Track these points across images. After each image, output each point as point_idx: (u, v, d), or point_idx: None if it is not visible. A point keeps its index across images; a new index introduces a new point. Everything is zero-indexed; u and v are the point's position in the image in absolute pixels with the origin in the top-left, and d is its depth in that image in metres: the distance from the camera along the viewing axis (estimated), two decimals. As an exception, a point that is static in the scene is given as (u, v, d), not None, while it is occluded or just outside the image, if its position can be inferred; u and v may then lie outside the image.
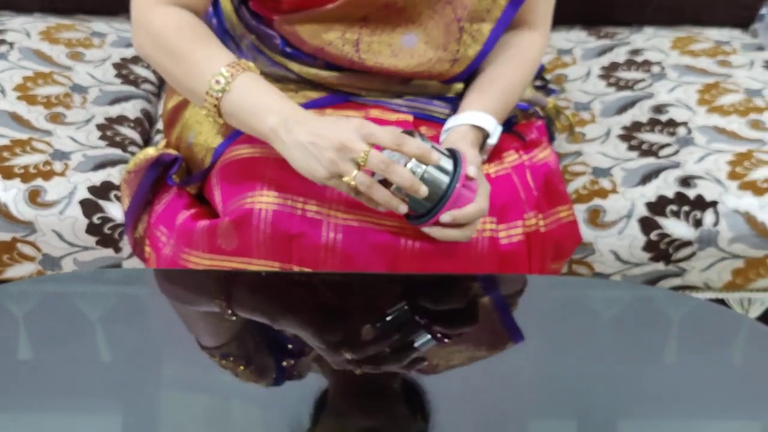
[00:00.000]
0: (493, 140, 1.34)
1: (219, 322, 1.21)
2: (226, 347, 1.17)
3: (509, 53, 1.41)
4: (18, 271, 1.48)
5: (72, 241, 1.45)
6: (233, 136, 1.37)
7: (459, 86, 1.44)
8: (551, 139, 1.52)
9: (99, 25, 1.85)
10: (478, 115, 1.33)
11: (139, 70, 1.75)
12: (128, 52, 1.79)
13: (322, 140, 1.18)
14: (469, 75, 1.41)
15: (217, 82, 1.24)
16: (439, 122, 1.40)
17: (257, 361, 1.15)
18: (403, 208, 1.20)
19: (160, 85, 1.77)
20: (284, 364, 1.14)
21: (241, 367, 1.14)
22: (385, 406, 1.09)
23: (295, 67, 1.40)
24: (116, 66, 1.75)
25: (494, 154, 1.36)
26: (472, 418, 1.07)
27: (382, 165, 1.17)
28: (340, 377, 1.11)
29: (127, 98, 1.67)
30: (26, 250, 1.46)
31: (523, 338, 1.20)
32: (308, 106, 1.40)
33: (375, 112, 1.39)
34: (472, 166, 1.21)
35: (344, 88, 1.41)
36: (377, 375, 1.12)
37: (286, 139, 1.20)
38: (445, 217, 1.20)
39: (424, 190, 1.18)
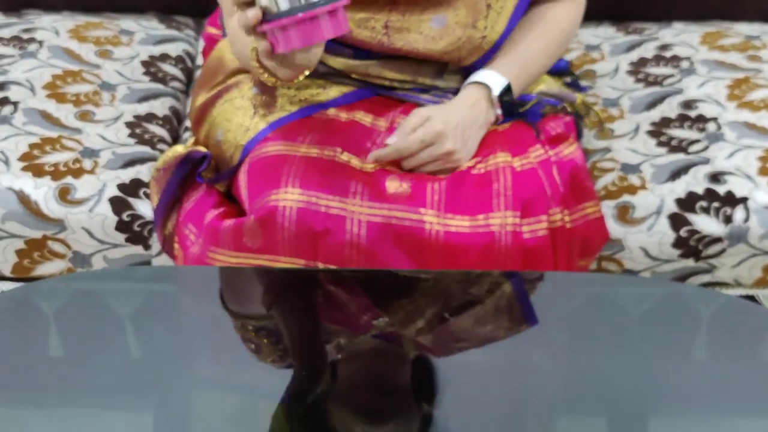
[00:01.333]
0: (495, 91, 1.36)
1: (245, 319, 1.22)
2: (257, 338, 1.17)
3: (532, 22, 1.42)
4: (48, 268, 1.49)
5: (102, 239, 1.46)
6: (262, 133, 1.37)
7: None
8: (579, 135, 1.51)
9: (127, 22, 1.86)
10: (482, 72, 1.36)
11: (168, 68, 1.76)
12: (156, 50, 1.80)
13: None
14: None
15: (250, 46, 1.26)
16: None
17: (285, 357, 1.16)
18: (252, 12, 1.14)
19: (188, 82, 1.78)
20: (311, 360, 1.14)
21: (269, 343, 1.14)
22: (405, 402, 1.09)
23: (323, 57, 1.41)
24: (144, 64, 1.76)
25: (520, 149, 1.36)
26: (499, 416, 1.07)
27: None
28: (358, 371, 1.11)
29: (155, 96, 1.68)
30: (57, 247, 1.47)
31: (537, 322, 1.20)
32: (338, 102, 1.41)
33: (399, 118, 1.39)
34: None
35: (373, 79, 1.42)
36: (396, 372, 1.12)
37: None
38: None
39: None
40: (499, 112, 1.37)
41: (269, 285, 1.28)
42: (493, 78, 1.36)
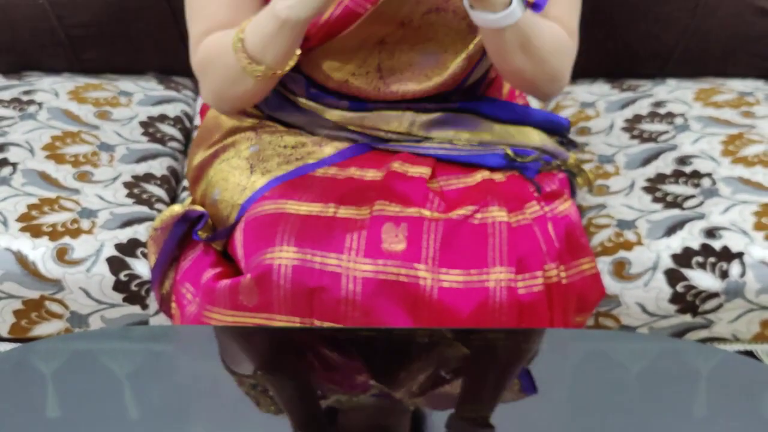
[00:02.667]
0: None
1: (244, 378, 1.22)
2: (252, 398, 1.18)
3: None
4: (46, 328, 1.50)
5: (99, 299, 1.47)
6: (259, 192, 1.39)
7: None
8: (573, 192, 1.53)
9: (126, 84, 1.89)
10: None
11: (166, 128, 1.78)
12: (155, 111, 1.82)
13: None
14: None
15: (234, 42, 1.30)
16: (462, 165, 1.43)
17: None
18: None
19: (187, 142, 1.80)
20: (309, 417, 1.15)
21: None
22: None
23: (319, 110, 1.44)
24: (143, 124, 1.78)
25: (516, 204, 1.37)
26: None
27: None
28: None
29: (153, 156, 1.70)
30: (54, 307, 1.48)
31: (536, 391, 1.19)
32: (334, 159, 1.43)
33: (396, 165, 1.41)
34: None
35: (368, 131, 1.44)
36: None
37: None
38: None
39: None
40: None
41: (265, 344, 1.29)
42: None
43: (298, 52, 1.32)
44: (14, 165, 1.61)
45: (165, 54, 1.92)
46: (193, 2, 1.41)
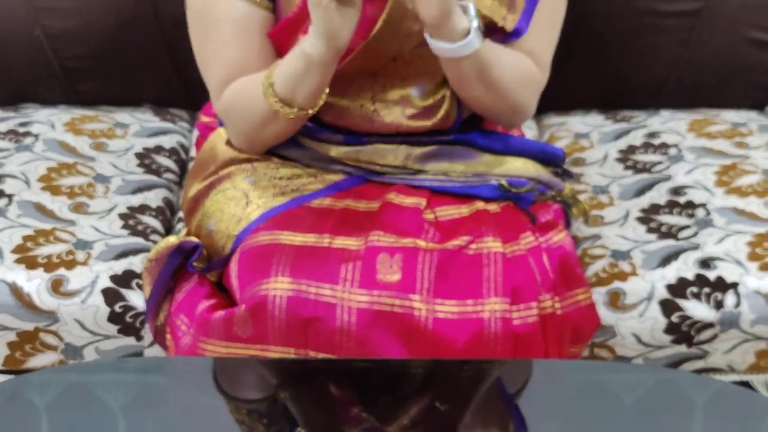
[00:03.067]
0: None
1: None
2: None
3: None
4: (40, 360, 1.50)
5: (94, 330, 1.47)
6: (254, 223, 1.40)
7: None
8: (568, 223, 1.53)
9: (122, 115, 1.90)
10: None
11: (161, 160, 1.79)
12: (150, 142, 1.83)
13: None
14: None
15: (263, 88, 1.36)
16: (457, 196, 1.44)
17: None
18: None
19: (182, 174, 1.81)
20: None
21: None
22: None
23: (316, 145, 1.44)
24: (139, 156, 1.78)
25: (510, 235, 1.38)
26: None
27: None
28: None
29: (149, 187, 1.71)
30: (49, 339, 1.48)
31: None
32: (329, 190, 1.44)
33: (391, 195, 1.42)
34: None
35: (364, 164, 1.45)
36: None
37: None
38: None
39: None
40: (474, 23, 1.33)
41: (260, 375, 1.29)
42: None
43: (327, 90, 1.36)
44: (10, 196, 1.62)
45: (161, 86, 1.93)
46: (204, 50, 1.45)
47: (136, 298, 1.48)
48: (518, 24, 1.41)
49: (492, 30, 1.40)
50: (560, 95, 1.50)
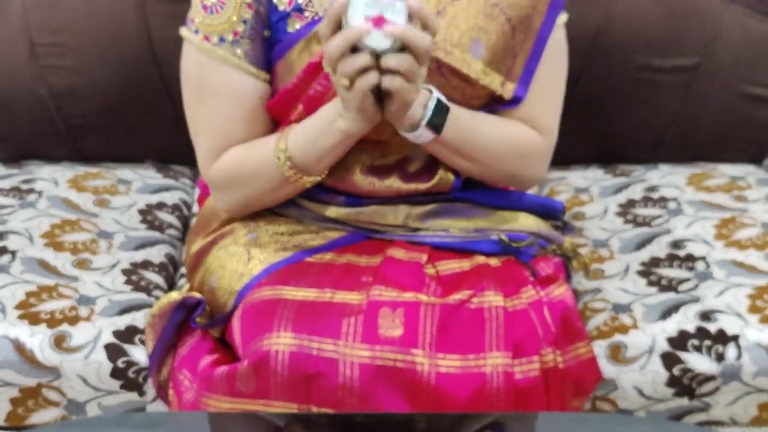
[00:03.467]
0: (435, 94, 1.33)
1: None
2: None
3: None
4: (43, 416, 1.50)
5: (97, 386, 1.48)
6: (256, 278, 1.41)
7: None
8: (569, 276, 1.54)
9: (125, 172, 1.92)
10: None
11: (164, 216, 1.80)
12: (153, 199, 1.84)
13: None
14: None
15: (278, 158, 1.38)
16: (458, 251, 1.45)
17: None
18: (362, 29, 1.20)
19: (185, 230, 1.82)
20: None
21: None
22: None
23: (315, 207, 1.46)
24: (141, 212, 1.80)
25: (511, 289, 1.39)
26: None
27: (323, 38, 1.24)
28: None
29: (152, 243, 1.72)
30: (51, 395, 1.48)
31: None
32: (330, 246, 1.45)
33: (392, 251, 1.43)
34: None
35: (364, 224, 1.46)
36: None
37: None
38: (413, 2, 1.21)
39: (361, 29, 1.20)
40: (424, 121, 1.34)
41: (263, 430, 1.29)
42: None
43: None
44: (13, 253, 1.63)
45: (163, 143, 1.95)
46: (198, 118, 1.45)
47: (139, 354, 1.48)
48: (516, 92, 1.42)
49: (492, 98, 1.42)
50: (559, 150, 1.52)
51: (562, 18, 1.45)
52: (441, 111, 1.34)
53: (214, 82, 1.41)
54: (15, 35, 1.84)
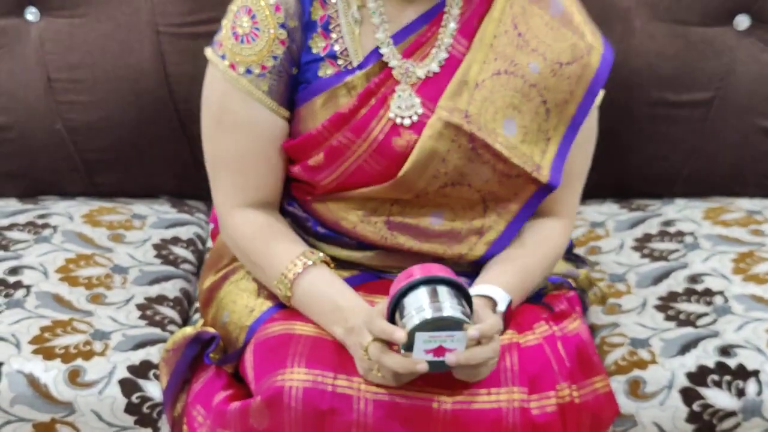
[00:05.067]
0: (501, 307, 1.35)
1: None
2: None
3: (534, 237, 1.45)
4: (56, 453, 1.49)
5: (111, 421, 1.47)
6: (267, 313, 1.40)
7: None
8: (585, 309, 1.53)
9: (139, 207, 1.92)
10: (487, 287, 1.37)
11: (179, 251, 1.80)
12: (168, 233, 1.84)
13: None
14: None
15: (279, 289, 1.38)
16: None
17: None
18: (422, 366, 1.22)
19: (199, 265, 1.82)
20: None
21: None
22: None
23: (327, 248, 1.45)
24: (156, 247, 1.80)
25: (524, 325, 1.38)
26: None
27: (376, 353, 1.24)
28: None
29: (166, 278, 1.71)
30: (65, 431, 1.47)
31: None
32: (342, 284, 1.44)
33: None
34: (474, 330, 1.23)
35: (376, 267, 1.45)
36: None
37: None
38: (473, 332, 1.22)
39: (421, 367, 1.21)
40: (500, 327, 1.34)
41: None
42: (496, 293, 1.36)
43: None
44: (28, 287, 1.63)
45: (178, 178, 1.95)
46: (217, 153, 1.43)
47: (154, 389, 1.47)
48: (552, 179, 1.41)
49: (527, 181, 1.41)
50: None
51: (599, 97, 1.44)
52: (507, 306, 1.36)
53: (235, 114, 1.39)
54: (32, 71, 1.85)
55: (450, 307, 1.22)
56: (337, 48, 1.39)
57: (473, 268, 1.45)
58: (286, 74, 1.39)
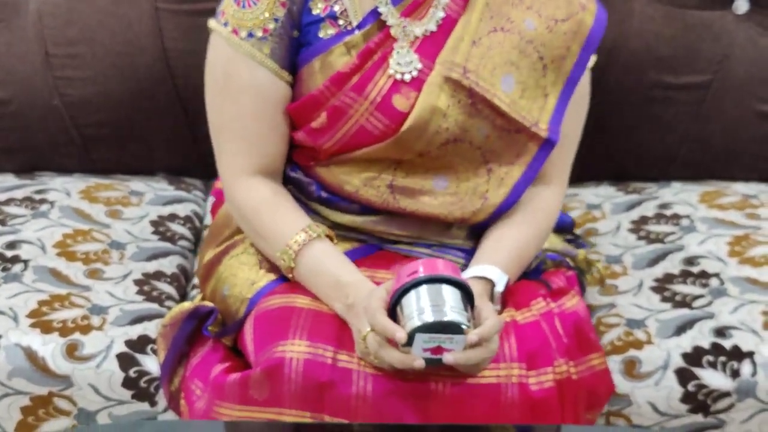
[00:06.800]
0: (499, 287, 1.36)
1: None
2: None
3: (526, 208, 1.46)
4: (53, 426, 1.49)
5: (108, 395, 1.47)
6: (268, 286, 1.40)
7: None
8: (582, 289, 1.53)
9: (137, 184, 1.92)
10: (484, 267, 1.38)
11: (176, 227, 1.80)
12: (165, 210, 1.84)
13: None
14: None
15: (282, 260, 1.38)
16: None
17: None
18: (419, 363, 1.23)
19: (196, 242, 1.82)
20: None
21: None
22: None
23: (330, 214, 1.45)
24: (153, 223, 1.80)
25: (522, 302, 1.39)
26: None
27: (375, 345, 1.25)
28: None
29: (164, 254, 1.71)
30: (62, 404, 1.47)
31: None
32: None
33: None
34: (473, 335, 1.24)
35: (379, 233, 1.45)
36: None
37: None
38: (472, 337, 1.22)
39: (419, 363, 1.22)
40: (498, 307, 1.37)
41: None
42: (494, 273, 1.37)
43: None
44: (26, 262, 1.63)
45: (176, 155, 1.95)
46: (222, 120, 1.44)
47: (151, 364, 1.48)
48: (550, 134, 1.42)
49: (526, 136, 1.42)
50: (572, 169, 1.54)
51: (591, 61, 1.45)
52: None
53: (239, 78, 1.40)
54: (30, 46, 1.84)
55: (451, 309, 1.23)
56: (336, 8, 1.40)
57: (469, 236, 1.46)
58: (288, 37, 1.40)
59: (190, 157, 1.95)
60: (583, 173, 1.96)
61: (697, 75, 1.88)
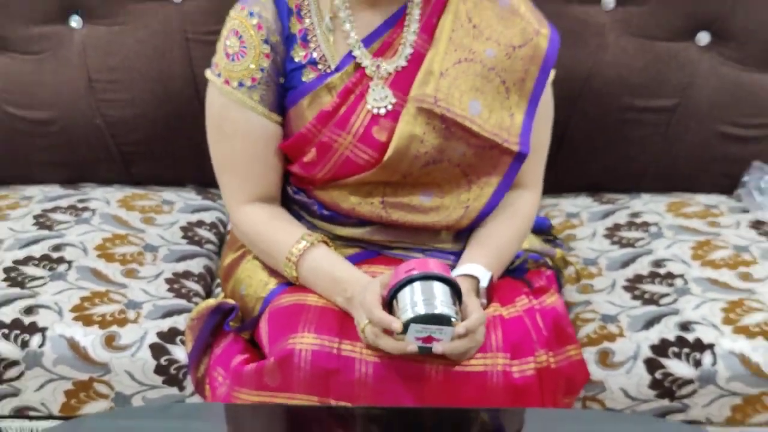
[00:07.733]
0: (483, 283, 1.36)
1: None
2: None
3: (506, 212, 1.46)
4: (93, 408, 1.49)
5: (142, 381, 1.47)
6: (280, 287, 1.41)
7: None
8: (560, 287, 1.53)
9: (169, 194, 1.92)
10: (470, 266, 1.38)
11: (203, 233, 1.80)
12: (193, 217, 1.84)
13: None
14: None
15: (286, 271, 1.39)
16: None
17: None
18: (412, 348, 1.24)
19: (221, 245, 1.82)
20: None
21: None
22: None
23: (332, 228, 1.46)
24: (183, 229, 1.80)
25: (507, 299, 1.39)
26: None
27: (372, 336, 1.27)
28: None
29: (192, 256, 1.71)
30: (101, 388, 1.48)
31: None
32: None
33: None
34: (461, 327, 1.24)
35: (376, 242, 1.46)
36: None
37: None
38: (459, 329, 1.23)
39: (411, 348, 1.23)
40: (484, 301, 1.37)
41: (286, 420, 1.28)
42: (479, 271, 1.37)
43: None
44: (69, 263, 1.63)
45: (203, 169, 1.92)
46: (221, 157, 1.45)
47: (180, 353, 1.48)
48: (522, 148, 1.41)
49: (500, 152, 1.41)
50: (553, 181, 1.54)
51: (551, 76, 1.45)
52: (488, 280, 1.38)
53: (233, 122, 1.41)
54: (75, 72, 1.85)
55: (441, 303, 1.23)
56: (315, 55, 1.40)
57: (456, 239, 1.46)
58: (274, 84, 1.40)
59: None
60: (563, 186, 1.97)
61: (664, 99, 1.87)
